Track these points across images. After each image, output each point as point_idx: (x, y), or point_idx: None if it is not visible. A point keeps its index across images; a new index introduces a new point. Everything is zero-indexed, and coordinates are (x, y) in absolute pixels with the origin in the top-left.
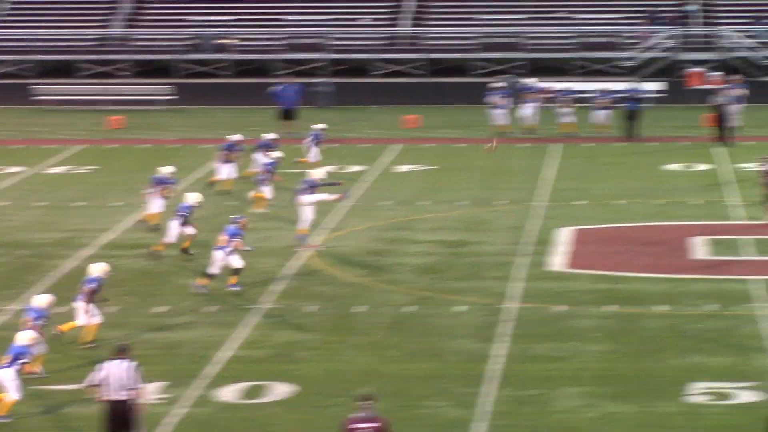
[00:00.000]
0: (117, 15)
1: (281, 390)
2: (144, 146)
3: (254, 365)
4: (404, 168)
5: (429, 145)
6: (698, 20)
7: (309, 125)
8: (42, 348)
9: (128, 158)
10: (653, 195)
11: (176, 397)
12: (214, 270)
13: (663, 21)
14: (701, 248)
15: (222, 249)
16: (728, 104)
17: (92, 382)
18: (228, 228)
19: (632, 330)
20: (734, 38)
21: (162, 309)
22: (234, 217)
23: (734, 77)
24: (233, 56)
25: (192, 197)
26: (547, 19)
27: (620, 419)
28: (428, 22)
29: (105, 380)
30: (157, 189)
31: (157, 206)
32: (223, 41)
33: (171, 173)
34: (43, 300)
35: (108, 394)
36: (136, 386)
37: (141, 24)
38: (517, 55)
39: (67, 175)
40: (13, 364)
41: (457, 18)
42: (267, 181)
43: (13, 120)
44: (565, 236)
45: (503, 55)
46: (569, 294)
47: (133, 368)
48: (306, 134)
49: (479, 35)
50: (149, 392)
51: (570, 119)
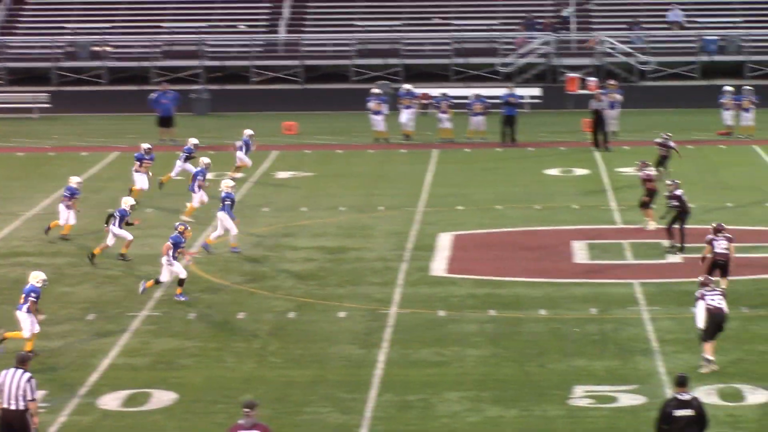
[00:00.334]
0: None
1: (163, 397)
2: (19, 154)
3: (135, 373)
4: (283, 174)
5: (308, 152)
6: (574, 26)
7: (186, 133)
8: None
9: (4, 167)
10: (532, 200)
11: (57, 406)
12: (164, 278)
13: (539, 27)
14: (581, 252)
15: (166, 257)
16: (606, 109)
17: None
18: (171, 236)
19: (513, 334)
20: (611, 43)
21: (40, 317)
22: (176, 225)
23: (611, 82)
24: (109, 63)
25: (127, 200)
26: (424, 26)
27: (502, 423)
28: (306, 29)
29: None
30: (70, 199)
31: (68, 217)
32: (99, 48)
33: (78, 183)
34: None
35: (1, 403)
36: (31, 398)
37: (16, 32)
38: (395, 62)
39: None
40: None
41: (335, 24)
42: (198, 188)
43: None
44: (445, 241)
45: (381, 62)
46: (450, 299)
47: (26, 379)
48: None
49: (357, 42)
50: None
51: (448, 125)
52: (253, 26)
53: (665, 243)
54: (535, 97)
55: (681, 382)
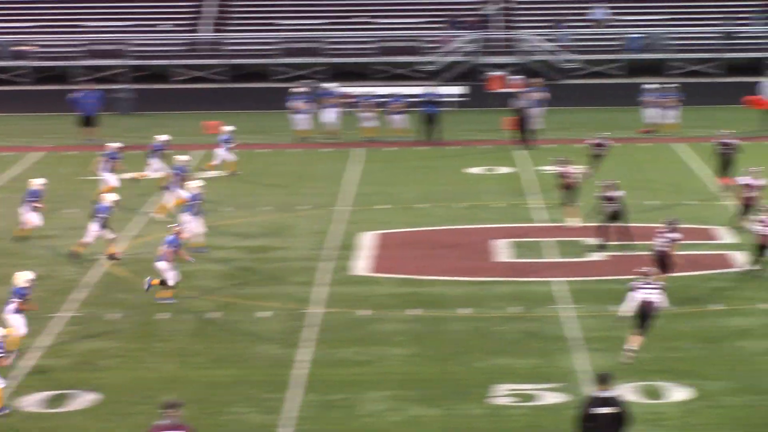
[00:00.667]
0: None
1: (85, 398)
2: None
3: (57, 374)
4: (206, 174)
5: (238, 150)
6: (499, 24)
7: (110, 132)
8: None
9: None
10: (456, 198)
11: None
12: (171, 280)
13: (464, 25)
14: (504, 251)
15: (163, 259)
16: (529, 107)
17: None
18: (167, 238)
19: (437, 333)
20: (535, 42)
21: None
22: (170, 226)
23: (535, 80)
24: (32, 63)
25: (109, 197)
26: (349, 24)
27: (425, 422)
28: (229, 28)
29: None
30: (32, 202)
31: (34, 219)
32: (22, 48)
33: (41, 185)
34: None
35: None
36: None
37: None
38: (319, 60)
39: None
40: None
41: (258, 23)
42: (173, 186)
43: None
44: (369, 240)
45: (305, 60)
46: (373, 298)
47: None
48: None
49: (280, 40)
50: None
51: (372, 124)
52: (177, 25)
53: (590, 241)
54: (460, 96)
55: (603, 380)
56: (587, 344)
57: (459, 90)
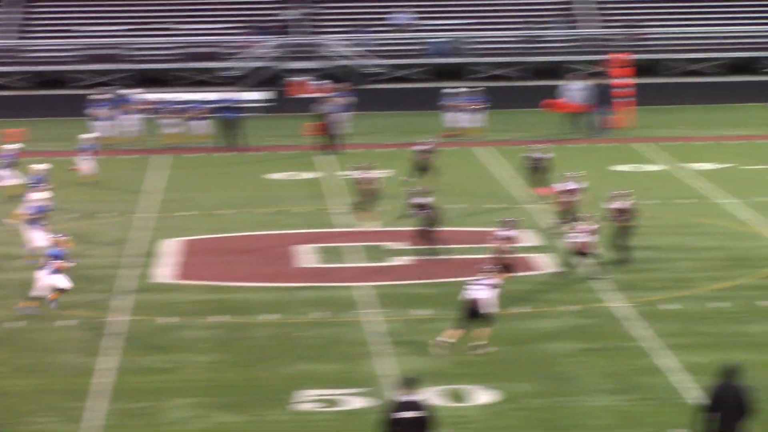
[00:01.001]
0: None
1: None
2: None
3: None
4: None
5: (35, 158)
6: (302, 29)
7: None
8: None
9: None
10: (259, 204)
11: None
12: (39, 292)
13: (266, 30)
14: (308, 256)
15: (44, 269)
16: (334, 113)
17: None
18: (49, 250)
19: (241, 339)
20: (338, 47)
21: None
22: (52, 236)
23: (340, 85)
24: None
25: (35, 197)
26: (151, 30)
27: (230, 429)
28: (31, 35)
29: None
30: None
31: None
32: None
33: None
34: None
35: None
36: None
37: None
38: (122, 67)
39: None
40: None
41: (60, 30)
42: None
43: None
44: (173, 247)
45: (107, 67)
46: (178, 305)
47: None
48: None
49: (82, 47)
50: None
51: (174, 130)
52: None
53: (394, 245)
54: (263, 101)
55: (408, 384)
56: (392, 348)
57: (262, 96)
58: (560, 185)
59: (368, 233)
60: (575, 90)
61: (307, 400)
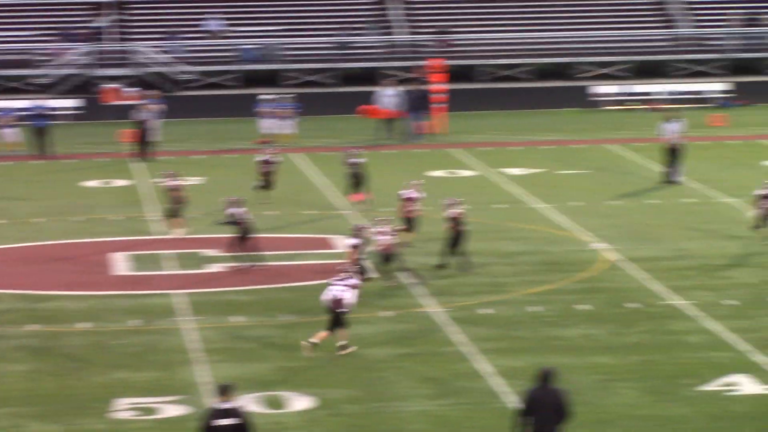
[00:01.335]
0: None
1: None
2: None
3: None
4: None
5: None
6: (113, 36)
7: None
8: None
9: None
10: (72, 212)
11: None
12: None
13: (77, 37)
14: (123, 264)
15: None
16: (147, 120)
17: None
18: None
19: (55, 348)
20: (149, 53)
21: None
22: None
23: (151, 92)
24: None
25: None
26: None
27: None
28: None
29: None
30: None
31: None
32: None
33: None
34: None
35: None
36: None
37: None
38: None
39: None
40: None
41: None
42: None
43: None
44: None
45: None
46: None
47: None
48: None
49: None
50: None
51: None
52: None
53: (209, 252)
54: (74, 109)
55: (224, 391)
56: (208, 356)
57: (73, 103)
58: (403, 192)
59: (184, 240)
60: (389, 96)
61: (124, 409)
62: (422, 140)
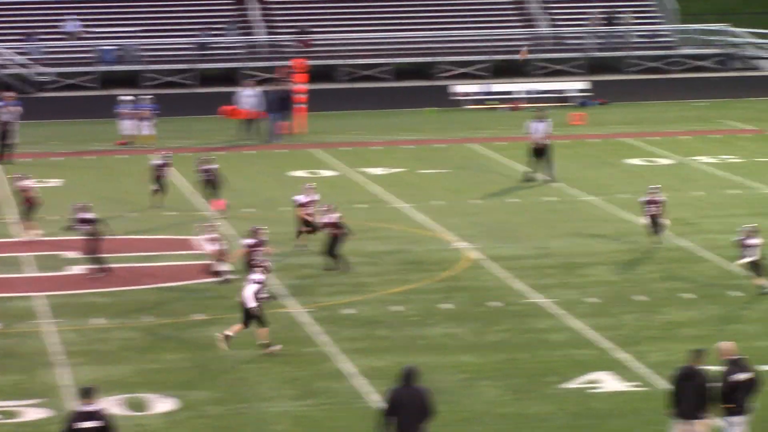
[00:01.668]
0: None
1: None
2: None
3: None
4: None
5: None
6: None
7: None
8: None
9: None
10: None
11: None
12: None
13: None
14: None
15: None
16: (8, 121)
17: None
18: None
19: None
20: (6, 54)
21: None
22: None
23: (8, 94)
24: None
25: None
26: None
27: None
28: None
29: None
30: None
31: None
32: None
33: None
34: None
35: None
36: None
37: None
38: None
39: None
40: None
41: None
42: None
43: None
44: None
45: None
46: None
47: None
48: None
49: None
50: None
51: None
52: None
53: (68, 255)
54: None
55: (86, 394)
56: (69, 358)
57: None
58: (297, 197)
59: (44, 243)
60: (249, 96)
61: None
62: (283, 140)
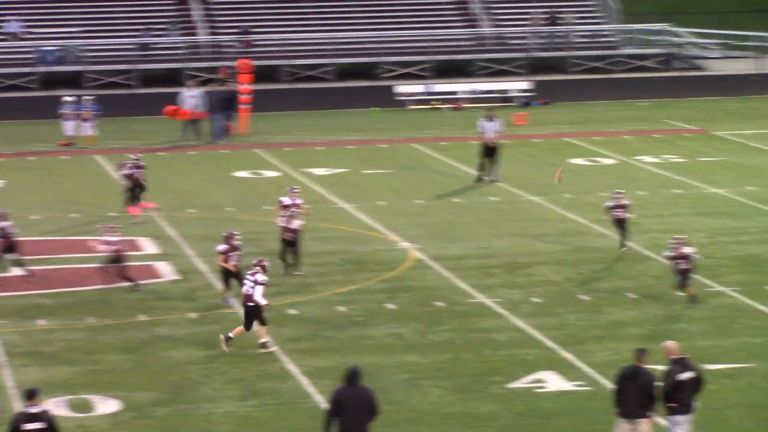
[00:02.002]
0: None
1: None
2: None
3: None
4: None
5: None
6: None
7: None
8: None
9: None
10: None
11: None
12: None
13: None
14: None
15: None
16: None
17: None
18: None
19: None
20: None
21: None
22: None
23: None
24: None
25: None
26: None
27: None
28: None
29: None
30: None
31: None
32: None
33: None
34: None
35: None
36: None
37: None
38: None
39: None
40: None
41: None
42: None
43: None
44: None
45: None
46: None
47: None
48: None
49: None
50: None
51: None
52: None
53: (9, 256)
54: None
55: (30, 395)
56: (11, 360)
57: None
58: (283, 200)
59: None
60: (193, 97)
61: None
62: (226, 141)
